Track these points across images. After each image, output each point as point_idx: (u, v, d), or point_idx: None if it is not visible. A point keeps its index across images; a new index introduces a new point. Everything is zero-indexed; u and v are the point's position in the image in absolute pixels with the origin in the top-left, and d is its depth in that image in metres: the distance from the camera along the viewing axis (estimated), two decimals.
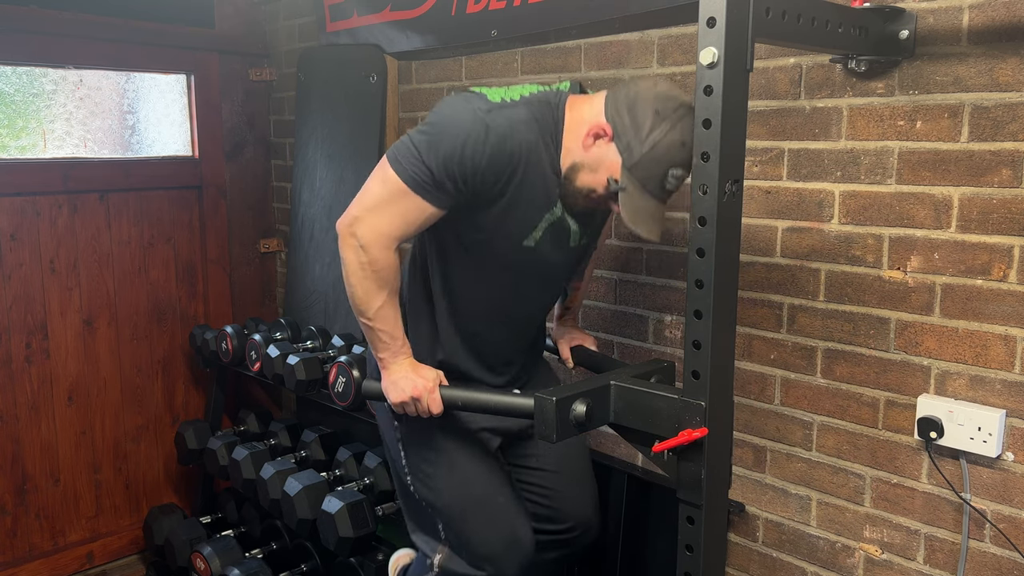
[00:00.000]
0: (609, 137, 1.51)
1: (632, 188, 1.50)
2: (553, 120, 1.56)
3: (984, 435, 1.65)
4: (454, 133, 1.50)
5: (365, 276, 1.59)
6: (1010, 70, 1.57)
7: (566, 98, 1.59)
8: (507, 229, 1.62)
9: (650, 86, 1.51)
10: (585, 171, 1.55)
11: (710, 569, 1.39)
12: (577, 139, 1.54)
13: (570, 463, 1.97)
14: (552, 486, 1.94)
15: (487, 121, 1.50)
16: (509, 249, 1.64)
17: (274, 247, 3.60)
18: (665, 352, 2.21)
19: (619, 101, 1.51)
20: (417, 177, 1.52)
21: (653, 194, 1.51)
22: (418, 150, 1.51)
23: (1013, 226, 1.60)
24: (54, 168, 2.98)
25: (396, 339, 1.67)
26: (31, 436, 3.03)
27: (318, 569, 2.72)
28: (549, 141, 1.55)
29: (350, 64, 2.97)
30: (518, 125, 1.52)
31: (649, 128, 1.47)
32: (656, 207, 1.52)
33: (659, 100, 1.48)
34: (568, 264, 1.79)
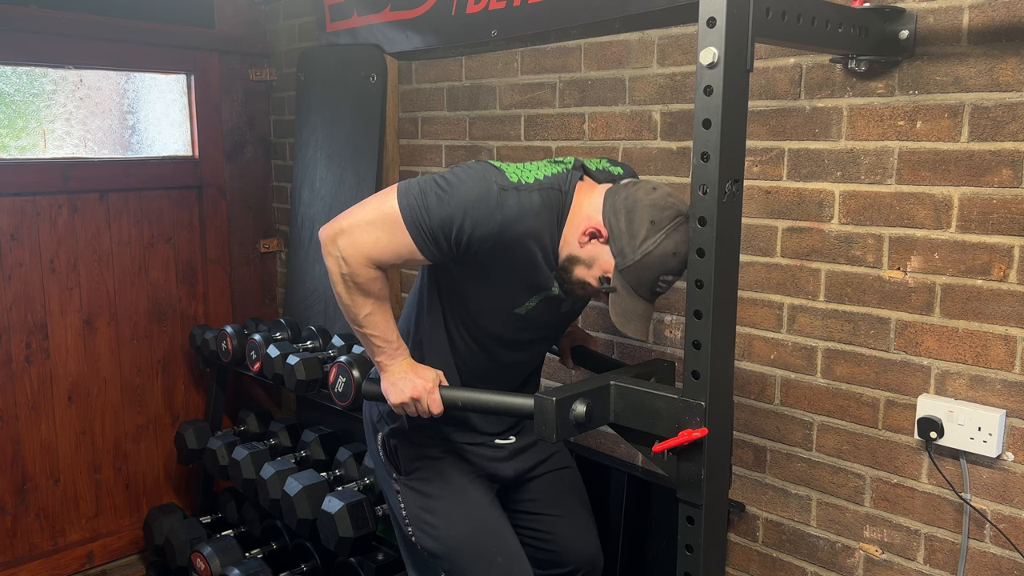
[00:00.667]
0: (604, 239, 1.53)
1: (622, 290, 1.53)
2: (560, 207, 1.57)
3: (984, 435, 1.65)
4: (464, 199, 1.51)
5: (347, 287, 1.60)
6: (1010, 70, 1.57)
7: (575, 184, 1.60)
8: (500, 298, 1.65)
9: (648, 192, 1.52)
10: (580, 265, 1.58)
11: (710, 569, 1.39)
12: (575, 234, 1.56)
13: (569, 505, 1.97)
14: (552, 530, 1.94)
15: (500, 200, 1.51)
16: (502, 316, 1.67)
17: (274, 247, 3.60)
18: (665, 352, 2.21)
19: (617, 205, 1.53)
20: (416, 219, 1.52)
21: (642, 296, 1.53)
22: (426, 199, 1.52)
23: (1013, 226, 1.60)
24: (54, 168, 2.98)
25: (390, 342, 1.67)
26: (31, 436, 3.03)
27: (318, 569, 2.72)
28: (554, 229, 1.57)
29: (350, 64, 2.97)
30: (528, 213, 1.53)
31: (643, 237, 1.49)
32: (644, 308, 1.55)
33: (655, 209, 1.49)
34: (560, 323, 1.82)
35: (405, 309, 1.84)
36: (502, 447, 1.87)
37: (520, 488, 1.94)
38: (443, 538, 1.81)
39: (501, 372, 1.78)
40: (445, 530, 1.81)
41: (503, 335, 1.72)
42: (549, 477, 1.95)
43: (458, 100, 2.69)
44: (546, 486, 1.95)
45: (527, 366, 1.86)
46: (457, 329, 1.72)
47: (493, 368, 1.76)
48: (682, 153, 2.11)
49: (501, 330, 1.70)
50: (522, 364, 1.83)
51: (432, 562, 1.86)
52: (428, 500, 1.82)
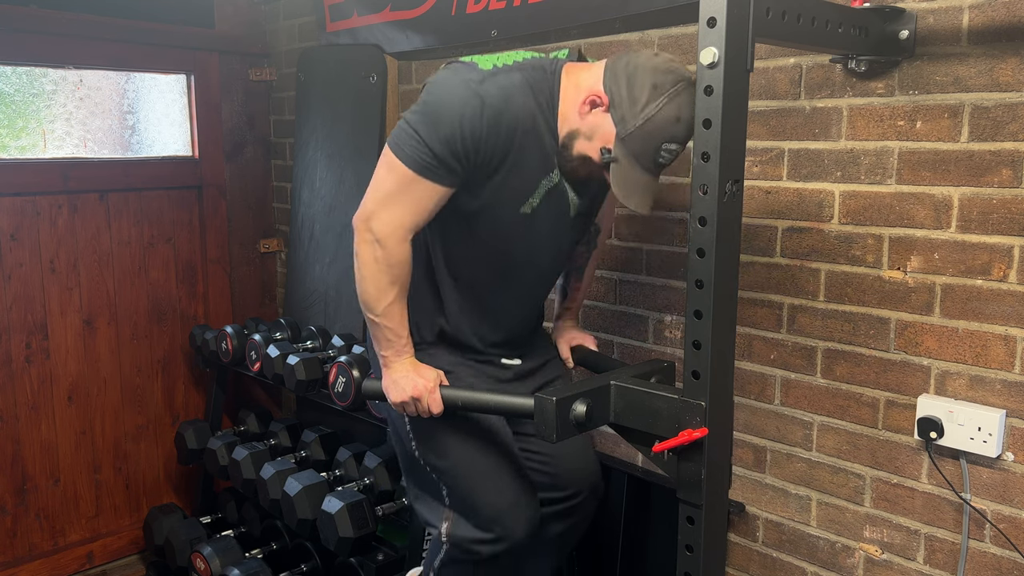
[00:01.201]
0: (605, 106, 1.50)
1: (624, 160, 1.49)
2: (548, 85, 1.54)
3: (984, 435, 1.65)
4: (450, 111, 1.49)
5: (379, 270, 1.59)
6: (1010, 70, 1.57)
7: (563, 65, 1.58)
8: (505, 196, 1.61)
9: (650, 57, 1.50)
10: (581, 139, 1.54)
11: (710, 569, 1.39)
12: (574, 106, 1.53)
13: None
14: (552, 451, 1.92)
15: (481, 92, 1.49)
16: (507, 217, 1.64)
17: (274, 247, 3.60)
18: (665, 352, 2.21)
19: (618, 71, 1.50)
20: (422, 161, 1.51)
21: (645, 167, 1.50)
22: (417, 133, 1.51)
23: (1013, 226, 1.60)
24: (54, 168, 2.98)
25: (401, 337, 1.67)
26: (31, 436, 3.03)
27: (318, 569, 2.72)
28: (545, 106, 1.54)
29: (350, 64, 2.97)
30: (513, 93, 1.50)
31: (645, 101, 1.46)
32: (648, 181, 1.52)
33: (658, 73, 1.46)
34: (566, 236, 1.77)
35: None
36: (508, 367, 1.85)
37: None
38: (448, 453, 1.78)
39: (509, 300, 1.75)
40: (450, 445, 1.78)
41: (509, 245, 1.68)
42: None
43: None
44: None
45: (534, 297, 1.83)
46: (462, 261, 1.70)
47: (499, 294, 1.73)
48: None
49: (507, 238, 1.67)
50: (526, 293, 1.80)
51: (433, 477, 1.84)
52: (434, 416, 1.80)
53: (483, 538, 1.81)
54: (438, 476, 1.83)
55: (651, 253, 2.21)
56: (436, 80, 1.55)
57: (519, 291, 1.79)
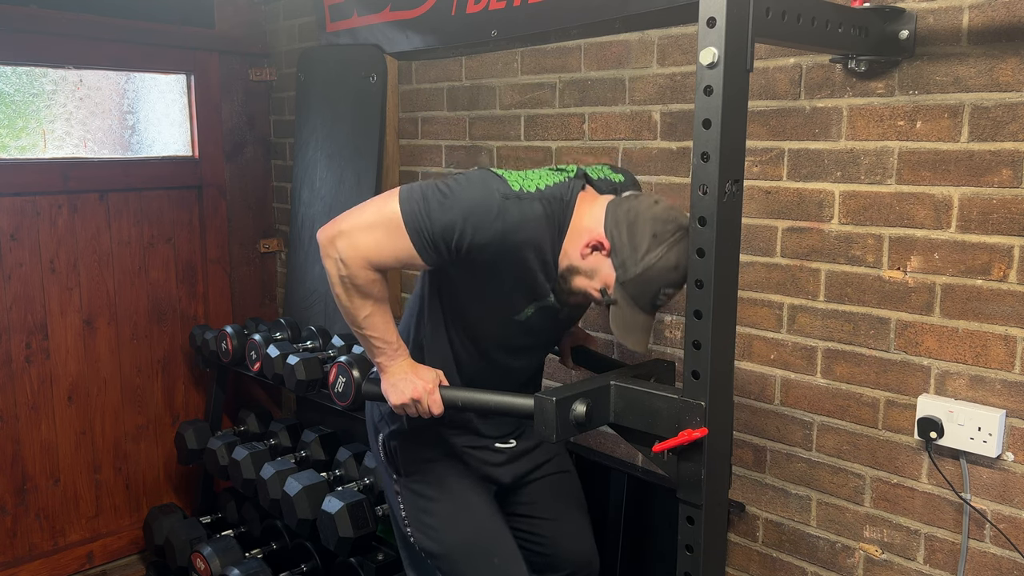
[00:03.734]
0: (606, 251, 1.53)
1: (623, 302, 1.53)
2: (561, 218, 1.57)
3: (984, 435, 1.65)
4: (465, 206, 1.51)
5: (346, 288, 1.60)
6: (1010, 70, 1.57)
7: (577, 194, 1.60)
8: (498, 307, 1.65)
9: (650, 205, 1.53)
10: (581, 276, 1.58)
11: (710, 569, 1.39)
12: (576, 246, 1.56)
13: (565, 509, 1.98)
14: (548, 533, 1.95)
15: (501, 208, 1.51)
16: (500, 322, 1.68)
17: (274, 247, 3.60)
18: (665, 352, 2.21)
19: (619, 217, 1.53)
20: (417, 223, 1.52)
21: (643, 309, 1.54)
22: (428, 203, 1.52)
23: (1013, 226, 1.60)
24: (54, 168, 2.98)
25: (390, 343, 1.67)
26: (31, 436, 3.03)
27: (318, 569, 2.72)
28: (555, 238, 1.57)
29: (350, 64, 2.97)
30: (529, 222, 1.53)
31: (645, 250, 1.49)
32: (645, 320, 1.55)
33: (657, 222, 1.50)
34: (559, 329, 1.82)
35: (406, 311, 1.84)
36: (502, 451, 1.87)
37: (518, 491, 1.94)
38: (441, 540, 1.81)
39: (502, 376, 1.78)
40: (443, 532, 1.81)
41: (502, 341, 1.72)
42: (547, 481, 1.96)
43: (458, 100, 2.69)
44: (543, 490, 1.95)
45: (527, 371, 1.86)
46: (457, 334, 1.72)
47: (493, 372, 1.76)
48: (682, 153, 2.11)
49: (500, 336, 1.71)
50: (522, 369, 1.83)
51: (430, 562, 1.86)
52: (427, 502, 1.82)
53: None
54: (433, 562, 1.85)
55: None
56: (469, 175, 1.58)
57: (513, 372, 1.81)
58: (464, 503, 1.82)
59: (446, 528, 1.81)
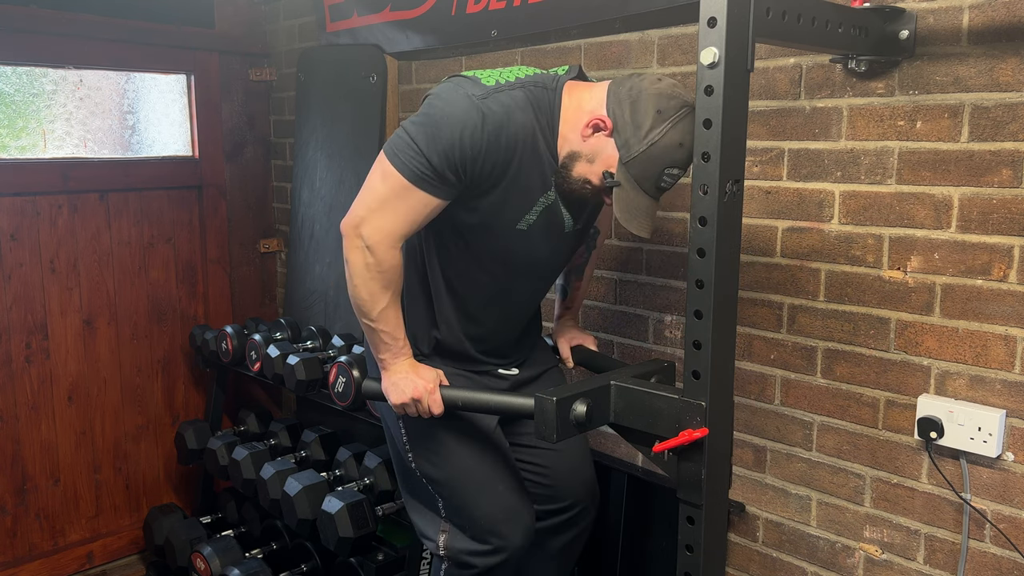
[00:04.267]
0: (608, 131, 1.50)
1: (627, 184, 1.50)
2: (549, 104, 1.54)
3: (984, 435, 1.65)
4: (451, 124, 1.48)
5: (371, 277, 1.58)
6: (1010, 70, 1.57)
7: (564, 83, 1.58)
8: (502, 213, 1.61)
9: (654, 82, 1.50)
10: (582, 161, 1.54)
11: (710, 569, 1.39)
12: (575, 128, 1.53)
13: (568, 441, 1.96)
14: (550, 464, 1.93)
15: (482, 108, 1.48)
16: (503, 232, 1.64)
17: (274, 247, 3.60)
18: (665, 352, 2.21)
19: (621, 95, 1.50)
20: (418, 171, 1.50)
21: (647, 192, 1.51)
22: (416, 143, 1.50)
23: (1013, 226, 1.60)
24: (54, 168, 2.98)
25: (397, 340, 1.66)
26: (31, 436, 3.03)
27: (318, 569, 2.72)
28: (545, 125, 1.54)
29: (350, 64, 2.97)
30: (514, 110, 1.50)
31: (649, 126, 1.46)
32: (649, 204, 1.52)
33: (661, 98, 1.47)
34: (562, 250, 1.78)
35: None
36: (505, 378, 1.85)
37: (521, 421, 1.92)
38: (444, 465, 1.79)
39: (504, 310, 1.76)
40: (446, 458, 1.78)
41: (506, 258, 1.68)
42: None
43: None
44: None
45: (528, 307, 1.83)
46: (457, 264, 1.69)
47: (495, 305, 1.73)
48: None
49: (503, 253, 1.67)
50: (521, 304, 1.80)
51: (431, 488, 1.84)
52: (430, 427, 1.79)
53: (479, 550, 1.81)
54: (434, 488, 1.83)
55: (651, 253, 2.22)
56: (438, 92, 1.55)
57: (515, 301, 1.79)
58: (468, 428, 1.79)
59: (448, 455, 1.78)
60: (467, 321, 1.76)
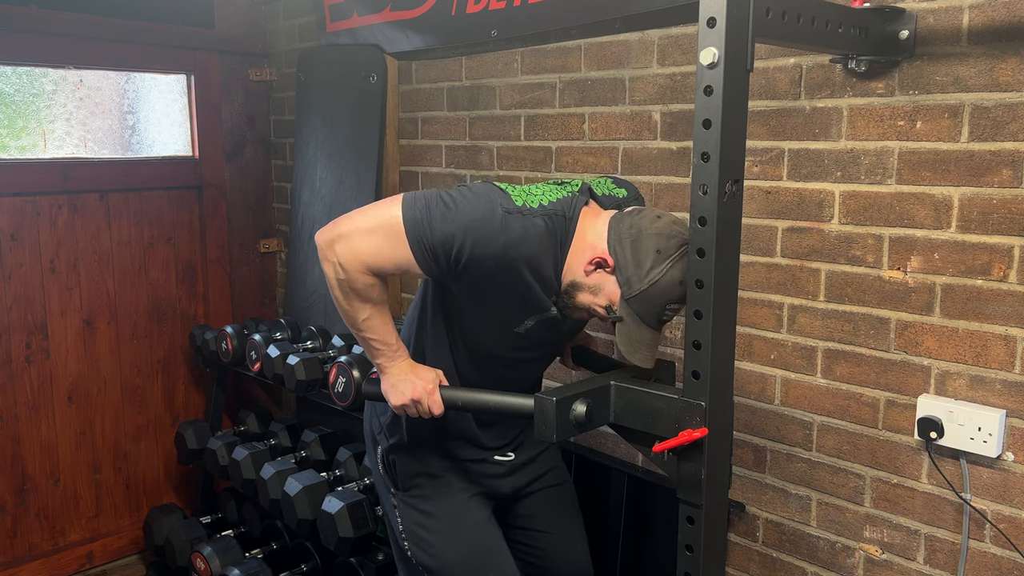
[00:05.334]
0: (610, 268, 1.53)
1: (629, 319, 1.52)
2: (564, 233, 1.57)
3: (984, 435, 1.65)
4: (466, 219, 1.50)
5: (344, 292, 1.59)
6: (1010, 70, 1.57)
7: (580, 211, 1.59)
8: (498, 319, 1.64)
9: (653, 220, 1.52)
10: (585, 292, 1.57)
11: (710, 569, 1.39)
12: (579, 262, 1.56)
13: (562, 522, 1.98)
14: (545, 546, 1.96)
15: (503, 223, 1.50)
16: (501, 333, 1.67)
17: (274, 247, 3.60)
18: (665, 352, 2.21)
19: (622, 233, 1.52)
20: (418, 232, 1.51)
21: (648, 324, 1.53)
22: (431, 213, 1.51)
23: (1013, 226, 1.60)
24: (54, 168, 2.98)
25: (389, 345, 1.66)
26: (31, 436, 3.03)
27: (318, 569, 2.72)
28: (557, 254, 1.57)
29: (350, 64, 2.97)
30: (531, 238, 1.52)
31: (650, 266, 1.48)
32: (651, 336, 1.54)
33: (661, 238, 1.49)
34: (561, 340, 1.82)
35: (408, 315, 1.84)
36: (501, 464, 1.87)
37: (517, 504, 1.95)
38: (438, 555, 1.82)
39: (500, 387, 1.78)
40: (441, 548, 1.82)
41: (503, 353, 1.71)
42: (545, 493, 1.96)
43: (458, 100, 2.69)
44: (541, 502, 1.96)
45: (528, 382, 1.85)
46: (457, 344, 1.72)
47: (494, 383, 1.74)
48: (682, 153, 2.11)
49: (501, 348, 1.70)
50: (523, 380, 1.83)
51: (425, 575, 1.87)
52: (425, 517, 1.82)
53: None
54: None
55: None
56: (473, 188, 1.57)
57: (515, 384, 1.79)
58: (462, 519, 1.82)
59: (443, 544, 1.82)
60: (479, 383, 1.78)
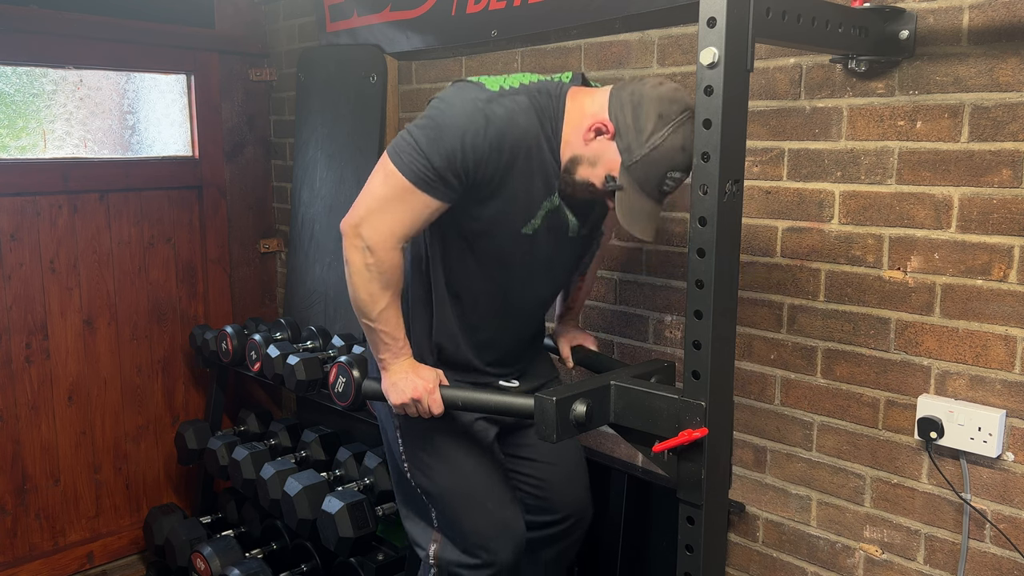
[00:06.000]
0: (611, 134, 1.51)
1: (629, 187, 1.50)
2: (553, 109, 1.55)
3: (984, 435, 1.65)
4: (454, 126, 1.49)
5: (371, 278, 1.58)
6: (1010, 70, 1.57)
7: (567, 88, 1.58)
8: (506, 217, 1.61)
9: (655, 86, 1.50)
10: (584, 165, 1.55)
11: (710, 569, 1.39)
12: (578, 132, 1.54)
13: (564, 455, 1.98)
14: (545, 477, 1.95)
15: (487, 112, 1.49)
16: (508, 238, 1.64)
17: (274, 247, 3.60)
18: (665, 352, 2.21)
19: (623, 99, 1.51)
20: (420, 173, 1.51)
21: (649, 195, 1.51)
22: (419, 145, 1.50)
23: (1013, 226, 1.60)
24: (54, 168, 2.98)
25: (397, 340, 1.66)
26: (31, 436, 3.03)
27: (318, 569, 2.72)
28: (549, 130, 1.55)
29: (350, 64, 2.97)
30: (518, 115, 1.51)
31: (651, 130, 1.46)
32: (652, 207, 1.52)
33: (663, 102, 1.47)
34: (567, 256, 1.78)
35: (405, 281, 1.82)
36: (505, 389, 1.86)
37: (520, 432, 1.93)
38: (438, 479, 1.81)
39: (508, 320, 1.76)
40: (441, 472, 1.80)
41: (511, 264, 1.68)
42: None
43: None
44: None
45: (532, 316, 1.83)
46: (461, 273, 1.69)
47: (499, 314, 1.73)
48: None
49: (508, 258, 1.67)
50: (529, 312, 1.81)
51: (423, 499, 1.86)
52: (427, 441, 1.80)
53: (469, 563, 1.83)
54: (427, 499, 1.85)
55: (651, 253, 2.22)
56: (442, 96, 1.56)
57: (519, 309, 1.79)
58: (464, 445, 1.81)
59: (444, 469, 1.80)
60: (471, 330, 1.76)
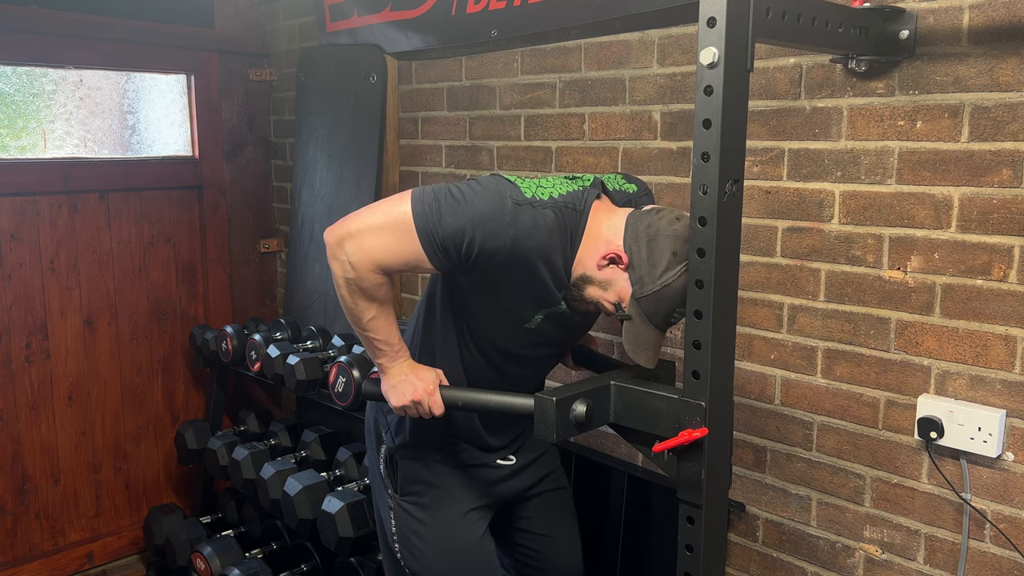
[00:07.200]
0: (624, 265, 1.52)
1: (637, 318, 1.52)
2: (575, 226, 1.56)
3: (984, 435, 1.65)
4: (475, 211, 1.49)
5: (352, 291, 1.59)
6: (1010, 70, 1.57)
7: (591, 204, 1.59)
8: (510, 314, 1.64)
9: (671, 222, 1.51)
10: (594, 286, 1.57)
11: (710, 569, 1.39)
12: (592, 255, 1.55)
13: (559, 526, 1.99)
14: (542, 549, 1.97)
15: (514, 214, 1.50)
16: (511, 327, 1.66)
17: (274, 247, 3.60)
18: (665, 352, 2.21)
19: (639, 232, 1.52)
20: (428, 226, 1.50)
21: (656, 326, 1.53)
22: (440, 206, 1.50)
23: (1013, 226, 1.60)
24: (54, 168, 2.98)
25: (392, 345, 1.66)
26: (31, 436, 3.03)
27: (318, 569, 2.72)
28: (568, 246, 1.56)
29: (350, 64, 2.97)
30: (541, 230, 1.52)
31: (664, 267, 1.48)
32: (656, 337, 1.54)
33: (678, 241, 1.49)
34: (570, 337, 1.81)
35: (415, 314, 1.83)
36: (503, 467, 1.88)
37: (518, 506, 1.96)
38: (429, 564, 1.82)
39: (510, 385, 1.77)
40: (432, 559, 1.82)
41: (513, 350, 1.70)
42: (545, 497, 1.97)
43: (458, 100, 2.70)
44: (542, 506, 1.97)
45: (534, 380, 1.85)
46: (467, 341, 1.71)
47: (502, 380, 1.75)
48: (682, 153, 2.11)
49: (511, 344, 1.69)
50: (531, 379, 1.83)
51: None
52: (420, 525, 1.82)
53: None
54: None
55: None
56: (483, 181, 1.56)
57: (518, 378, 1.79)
58: (457, 533, 1.82)
59: (435, 555, 1.82)
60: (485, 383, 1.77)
